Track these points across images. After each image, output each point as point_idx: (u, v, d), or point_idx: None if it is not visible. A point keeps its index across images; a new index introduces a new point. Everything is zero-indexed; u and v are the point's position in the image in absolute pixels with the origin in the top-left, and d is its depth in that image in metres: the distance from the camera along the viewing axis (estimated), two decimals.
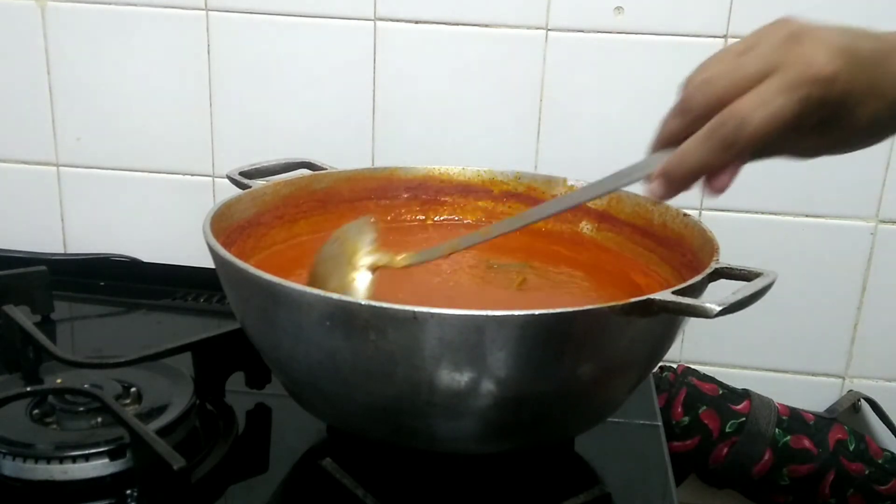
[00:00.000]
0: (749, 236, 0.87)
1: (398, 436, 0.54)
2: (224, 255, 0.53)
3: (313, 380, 0.54)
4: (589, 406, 0.56)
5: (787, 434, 0.82)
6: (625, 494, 0.60)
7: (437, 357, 0.47)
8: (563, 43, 0.84)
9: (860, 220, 0.86)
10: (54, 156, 0.95)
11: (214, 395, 0.67)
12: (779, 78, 0.41)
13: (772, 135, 0.42)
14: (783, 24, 0.43)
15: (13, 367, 0.68)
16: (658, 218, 0.68)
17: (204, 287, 0.91)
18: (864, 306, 0.88)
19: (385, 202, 0.77)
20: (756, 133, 0.41)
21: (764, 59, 0.42)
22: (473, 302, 0.61)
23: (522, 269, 0.68)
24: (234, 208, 0.66)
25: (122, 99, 0.92)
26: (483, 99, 0.88)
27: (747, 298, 0.48)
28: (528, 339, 0.47)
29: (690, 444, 0.83)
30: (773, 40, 0.43)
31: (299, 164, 0.76)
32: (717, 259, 0.55)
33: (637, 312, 0.48)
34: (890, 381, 0.91)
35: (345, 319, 0.48)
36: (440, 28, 0.86)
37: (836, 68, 0.41)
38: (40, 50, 0.91)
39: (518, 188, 0.76)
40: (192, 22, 0.89)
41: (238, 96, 0.91)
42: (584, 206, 0.74)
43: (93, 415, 0.61)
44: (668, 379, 0.85)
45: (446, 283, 0.65)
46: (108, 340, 0.83)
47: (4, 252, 0.94)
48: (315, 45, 0.88)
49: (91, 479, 0.56)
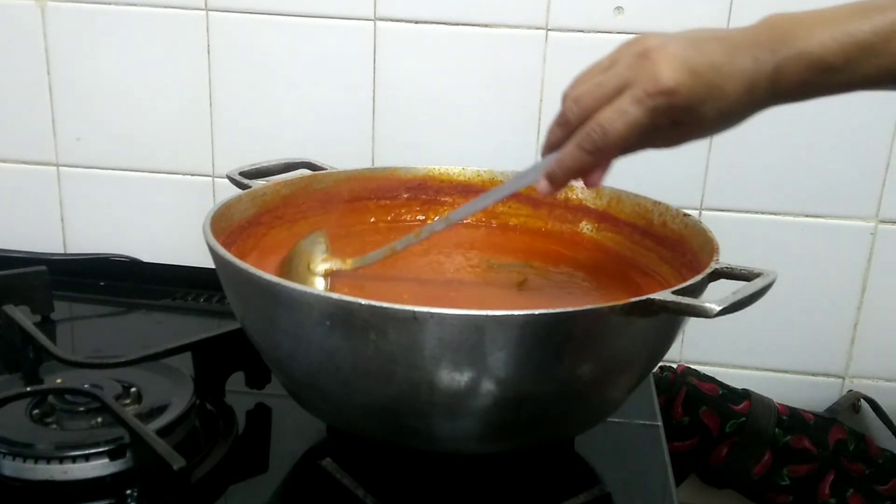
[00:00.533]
0: (749, 236, 0.87)
1: (398, 436, 0.54)
2: (224, 256, 0.53)
3: (313, 380, 0.54)
4: (589, 406, 0.56)
5: (787, 434, 0.82)
6: (625, 494, 0.60)
7: (437, 357, 0.47)
8: (563, 43, 0.84)
9: (860, 220, 0.86)
10: (54, 156, 0.95)
11: (214, 395, 0.67)
12: (631, 92, 0.50)
13: (630, 139, 0.50)
14: (637, 42, 0.51)
15: (13, 367, 0.68)
16: (658, 218, 0.68)
17: (204, 287, 0.91)
18: (864, 306, 0.88)
19: (385, 202, 0.77)
20: (616, 139, 0.50)
21: (619, 76, 0.50)
22: (473, 302, 0.61)
23: (523, 269, 0.68)
24: (234, 208, 0.66)
25: (122, 99, 0.92)
26: (483, 99, 0.88)
27: (747, 298, 0.48)
28: (528, 338, 0.47)
29: (690, 444, 0.83)
30: (628, 58, 0.51)
31: (299, 164, 0.76)
32: (717, 259, 0.55)
33: (637, 312, 0.48)
34: (890, 381, 0.91)
35: (345, 319, 0.48)
36: (440, 28, 0.86)
37: (678, 81, 0.49)
38: (40, 50, 0.91)
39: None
40: (192, 22, 0.89)
41: (238, 96, 0.91)
42: (585, 205, 0.74)
43: (93, 415, 0.61)
44: (668, 379, 0.85)
45: (448, 283, 0.65)
46: (108, 340, 0.83)
47: (4, 252, 0.94)
48: (315, 45, 0.88)
49: (91, 479, 0.56)
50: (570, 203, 0.75)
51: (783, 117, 0.83)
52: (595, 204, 0.74)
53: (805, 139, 0.84)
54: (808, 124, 0.84)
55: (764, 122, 0.52)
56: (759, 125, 0.56)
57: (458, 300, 0.62)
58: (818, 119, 0.83)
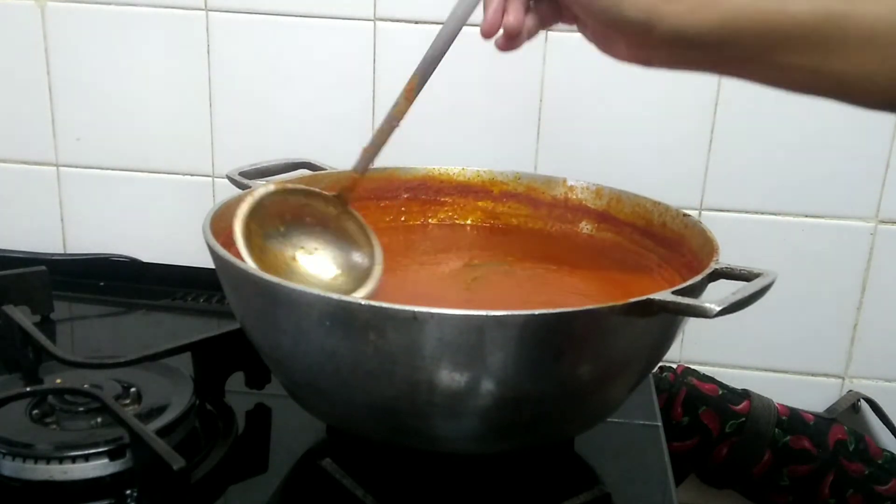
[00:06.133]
0: (749, 236, 0.87)
1: (398, 436, 0.54)
2: (224, 256, 0.53)
3: (313, 380, 0.54)
4: (589, 406, 0.56)
5: (786, 434, 0.82)
6: (625, 494, 0.60)
7: (436, 357, 0.47)
8: (563, 43, 0.84)
9: (860, 220, 0.86)
10: (54, 156, 0.95)
11: (214, 395, 0.67)
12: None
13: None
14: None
15: (13, 367, 0.68)
16: (658, 218, 0.68)
17: (204, 287, 0.91)
18: (864, 306, 0.88)
19: (385, 202, 0.77)
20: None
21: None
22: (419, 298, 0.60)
23: (499, 268, 0.68)
24: (234, 208, 0.65)
25: (122, 99, 0.92)
26: (483, 99, 0.88)
27: (747, 298, 0.48)
28: (528, 339, 0.47)
29: (690, 444, 0.83)
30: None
31: (299, 164, 0.76)
32: (717, 259, 0.55)
33: (637, 312, 0.48)
34: (890, 381, 0.91)
35: (344, 319, 0.48)
36: (440, 28, 0.86)
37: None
38: (40, 50, 0.91)
39: (518, 188, 0.76)
40: (192, 22, 0.89)
41: (238, 96, 0.91)
42: (584, 205, 0.74)
43: (93, 415, 0.61)
44: (668, 379, 0.85)
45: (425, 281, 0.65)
46: (108, 340, 0.84)
47: (4, 252, 0.94)
48: (315, 45, 0.88)
49: (91, 479, 0.56)
50: (569, 203, 0.75)
51: (783, 117, 0.84)
52: (595, 204, 0.74)
53: (805, 139, 0.84)
54: (807, 124, 0.84)
55: (764, 121, 0.52)
56: (760, 125, 0.57)
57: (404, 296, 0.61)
58: (818, 119, 0.83)
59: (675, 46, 0.50)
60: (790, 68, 0.48)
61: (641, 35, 0.50)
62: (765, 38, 0.48)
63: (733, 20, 0.48)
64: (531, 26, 0.56)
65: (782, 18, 0.47)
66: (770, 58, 0.48)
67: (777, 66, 0.48)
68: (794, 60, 0.48)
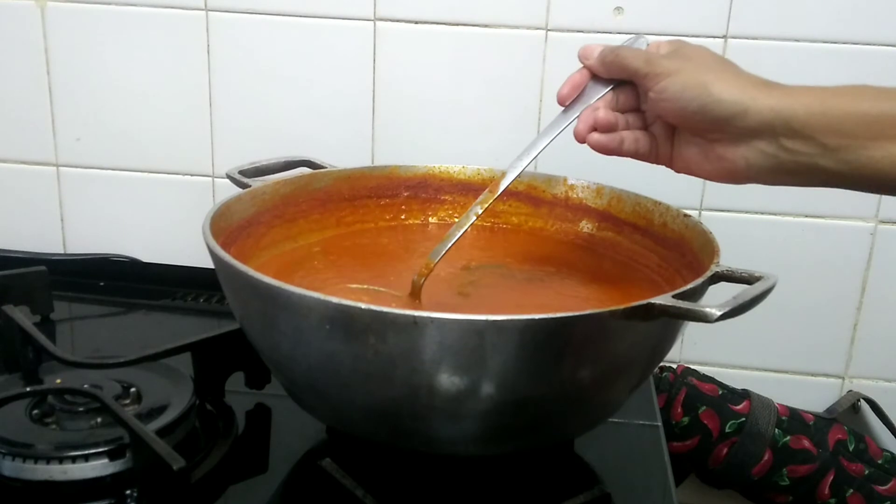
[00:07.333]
0: (749, 237, 0.87)
1: (398, 438, 0.54)
2: (224, 258, 0.53)
3: (313, 381, 0.54)
4: (588, 409, 0.56)
5: (786, 434, 0.82)
6: (625, 494, 0.61)
7: (436, 361, 0.47)
8: (563, 43, 0.84)
9: (860, 220, 0.86)
10: (54, 156, 0.95)
11: (214, 395, 0.67)
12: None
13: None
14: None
15: (13, 367, 0.68)
16: (658, 218, 0.68)
17: (204, 287, 0.91)
18: (864, 306, 0.88)
19: (385, 201, 0.77)
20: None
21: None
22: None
23: (496, 271, 0.67)
24: (234, 208, 0.65)
25: (122, 99, 0.92)
26: (483, 99, 0.88)
27: (748, 302, 0.48)
28: (528, 343, 0.47)
29: (690, 444, 0.83)
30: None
31: (299, 162, 0.76)
32: (718, 262, 0.55)
33: (637, 316, 0.48)
34: (890, 381, 0.91)
35: (344, 323, 0.47)
36: (440, 28, 0.86)
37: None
38: (40, 50, 0.91)
39: (518, 187, 0.76)
40: (192, 22, 0.89)
41: (238, 96, 0.90)
42: (585, 205, 0.74)
43: (92, 415, 0.61)
44: (668, 379, 0.85)
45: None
46: (108, 340, 0.83)
47: (4, 252, 0.94)
48: (315, 45, 0.88)
49: (91, 480, 0.56)
50: (570, 202, 0.75)
51: None
52: (595, 203, 0.74)
53: None
54: None
55: None
56: None
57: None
58: None
59: (770, 135, 0.48)
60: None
61: (734, 122, 0.48)
62: (874, 125, 0.46)
63: (836, 106, 0.46)
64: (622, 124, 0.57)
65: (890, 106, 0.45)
66: (879, 145, 0.46)
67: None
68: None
